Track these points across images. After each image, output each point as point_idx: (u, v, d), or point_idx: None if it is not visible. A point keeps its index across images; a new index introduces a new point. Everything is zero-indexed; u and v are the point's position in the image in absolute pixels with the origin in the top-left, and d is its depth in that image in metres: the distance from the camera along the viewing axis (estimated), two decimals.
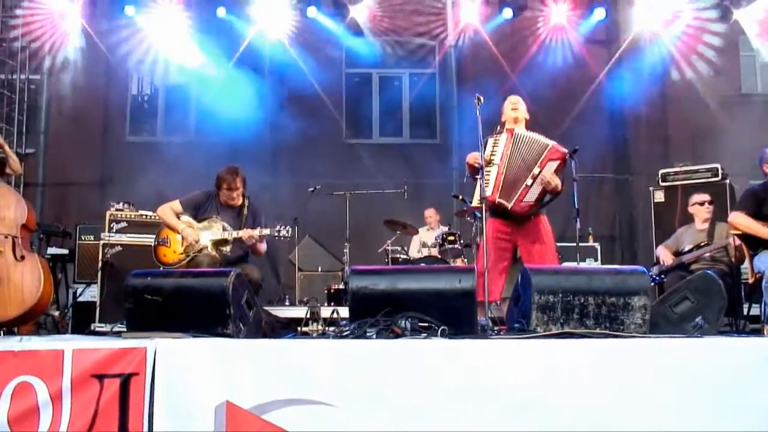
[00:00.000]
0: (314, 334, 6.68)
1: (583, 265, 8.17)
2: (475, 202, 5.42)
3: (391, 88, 12.38)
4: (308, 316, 6.89)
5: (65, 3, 10.44)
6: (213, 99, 10.83)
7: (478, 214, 7.40)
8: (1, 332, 5.71)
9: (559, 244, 8.16)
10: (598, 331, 3.89)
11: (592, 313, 3.95)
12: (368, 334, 3.80)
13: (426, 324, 3.89)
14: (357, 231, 8.80)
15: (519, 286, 4.30)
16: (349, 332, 3.88)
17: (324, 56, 11.36)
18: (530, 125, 5.74)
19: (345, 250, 8.60)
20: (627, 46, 11.04)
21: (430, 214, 9.57)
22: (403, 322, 3.85)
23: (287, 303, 8.72)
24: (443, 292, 3.99)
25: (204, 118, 11.08)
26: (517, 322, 4.16)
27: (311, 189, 8.54)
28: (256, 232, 5.92)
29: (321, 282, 8.88)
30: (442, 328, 3.80)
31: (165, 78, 11.51)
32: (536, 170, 5.35)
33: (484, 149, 5.38)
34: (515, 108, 5.65)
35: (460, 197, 7.91)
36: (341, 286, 8.14)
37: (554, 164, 5.36)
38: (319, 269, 9.23)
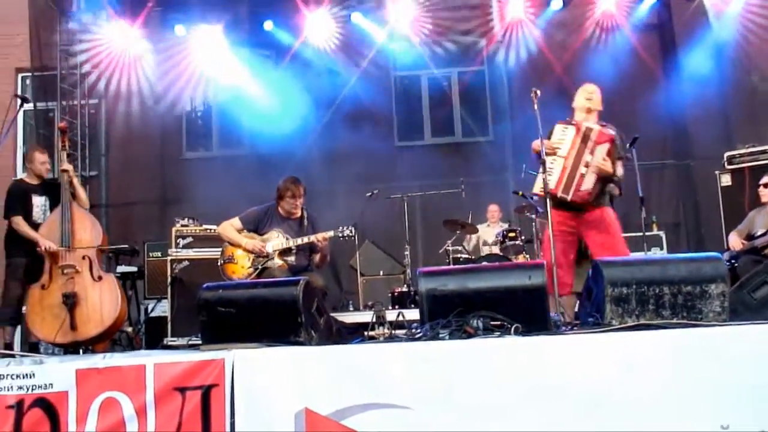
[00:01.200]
0: (381, 338, 6.69)
1: (649, 254, 8.03)
2: (536, 189, 5.35)
3: (440, 87, 12.31)
4: (374, 320, 6.90)
5: (118, 27, 10.68)
6: (265, 111, 10.92)
7: (540, 209, 7.38)
8: (80, 350, 5.89)
9: (622, 234, 8.06)
10: (675, 321, 3.81)
11: (668, 303, 3.88)
12: (441, 335, 3.80)
13: (498, 322, 3.86)
14: (416, 233, 8.80)
15: (590, 280, 4.25)
16: (421, 334, 3.88)
17: (371, 61, 11.35)
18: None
19: (405, 253, 8.61)
20: (681, 28, 10.79)
21: (494, 209, 9.49)
22: (475, 321, 3.84)
23: (351, 308, 8.75)
24: (514, 289, 3.96)
25: (257, 130, 11.18)
26: (590, 316, 4.10)
27: (369, 194, 8.56)
28: (324, 235, 6.01)
29: (383, 286, 8.89)
30: (515, 325, 3.77)
31: (217, 94, 11.65)
32: (588, 157, 5.28)
33: (550, 135, 5.37)
34: (589, 98, 5.53)
35: (521, 193, 7.88)
36: (404, 289, 8.14)
37: (604, 148, 5.27)
38: (381, 273, 9.24)
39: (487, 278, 4.05)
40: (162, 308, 7.75)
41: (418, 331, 3.98)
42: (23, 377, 3.85)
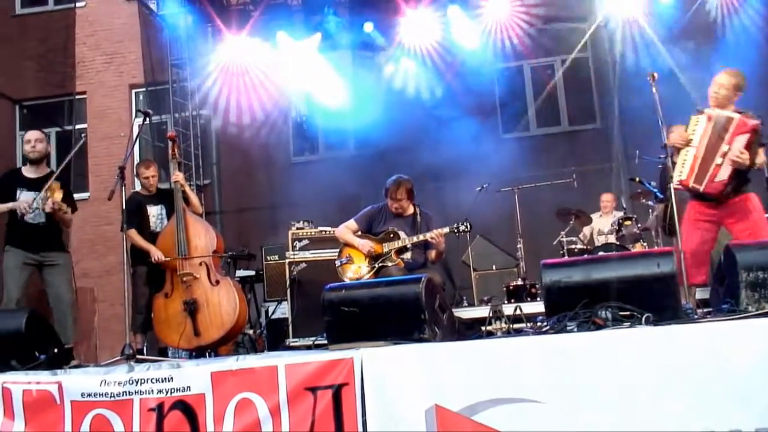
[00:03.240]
0: (499, 333, 6.64)
1: None
2: (675, 184, 5.25)
3: (543, 77, 12.11)
4: (491, 315, 6.85)
5: (224, 37, 10.98)
6: (368, 111, 10.99)
7: (660, 195, 7.13)
8: (207, 354, 6.09)
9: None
10: None
11: None
12: (568, 327, 3.73)
13: (627, 313, 3.76)
14: (527, 225, 8.68)
15: (723, 265, 4.07)
16: (548, 327, 3.82)
17: (472, 55, 11.24)
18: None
19: (518, 246, 8.50)
20: None
21: (608, 198, 9.22)
22: (604, 312, 3.75)
23: (465, 304, 8.71)
24: (642, 278, 3.83)
25: (362, 132, 11.29)
26: (724, 303, 3.94)
27: (479, 188, 8.49)
28: (439, 231, 5.97)
29: (497, 280, 8.79)
30: (646, 315, 3.66)
31: (320, 97, 11.82)
32: (725, 147, 5.07)
33: (687, 126, 5.23)
34: (716, 92, 5.27)
35: (638, 179, 7.66)
36: (519, 282, 8.04)
37: (743, 138, 5.03)
38: (494, 267, 9.12)
39: (613, 268, 3.93)
40: (282, 310, 7.89)
41: (545, 324, 3.92)
42: (162, 381, 4.00)
